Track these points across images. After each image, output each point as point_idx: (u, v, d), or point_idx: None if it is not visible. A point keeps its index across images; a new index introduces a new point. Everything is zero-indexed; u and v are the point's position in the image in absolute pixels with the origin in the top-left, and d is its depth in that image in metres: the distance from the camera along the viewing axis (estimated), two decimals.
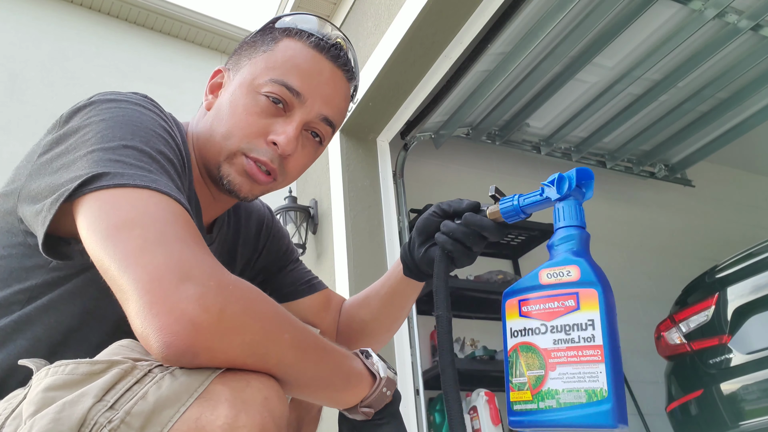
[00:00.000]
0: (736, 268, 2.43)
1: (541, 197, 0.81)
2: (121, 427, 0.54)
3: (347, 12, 3.05)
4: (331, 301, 1.13)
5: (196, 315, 0.57)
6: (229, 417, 0.55)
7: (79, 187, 0.64)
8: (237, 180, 0.87)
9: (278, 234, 1.14)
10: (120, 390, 0.56)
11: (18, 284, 0.75)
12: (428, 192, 3.28)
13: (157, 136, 0.74)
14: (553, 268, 0.74)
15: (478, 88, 2.90)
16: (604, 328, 0.69)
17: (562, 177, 0.78)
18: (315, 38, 0.89)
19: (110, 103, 0.76)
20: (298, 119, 0.87)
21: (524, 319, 0.76)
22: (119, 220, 0.62)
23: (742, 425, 2.19)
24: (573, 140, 3.63)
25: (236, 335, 0.59)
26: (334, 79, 0.90)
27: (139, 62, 5.16)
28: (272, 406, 0.58)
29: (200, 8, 5.46)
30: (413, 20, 2.28)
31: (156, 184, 0.66)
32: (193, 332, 0.56)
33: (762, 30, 2.77)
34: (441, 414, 2.70)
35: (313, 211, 3.07)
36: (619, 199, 3.98)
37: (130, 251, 0.60)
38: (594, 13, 2.52)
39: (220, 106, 0.90)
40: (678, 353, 2.59)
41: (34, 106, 4.49)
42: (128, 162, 0.67)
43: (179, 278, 0.58)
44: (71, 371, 0.58)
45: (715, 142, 3.70)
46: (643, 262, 3.77)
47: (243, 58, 0.92)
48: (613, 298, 0.72)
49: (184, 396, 0.56)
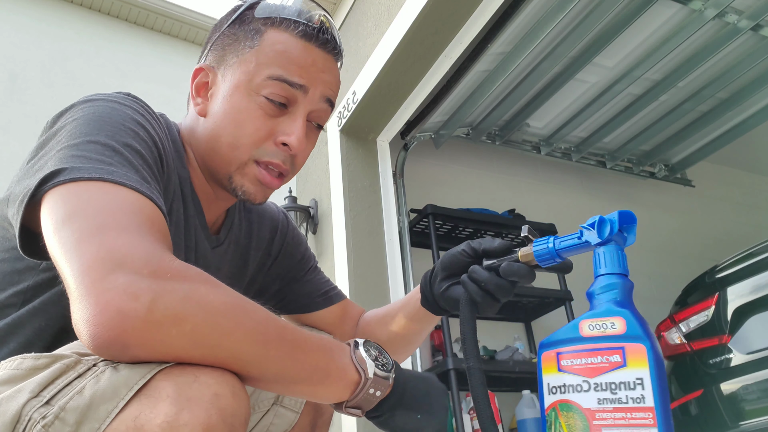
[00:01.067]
0: (736, 268, 2.43)
1: (580, 240, 0.75)
2: (55, 423, 0.52)
3: (347, 12, 3.05)
4: (347, 313, 1.11)
5: (123, 304, 0.53)
6: (169, 415, 0.51)
7: (39, 185, 0.64)
8: (251, 189, 0.86)
9: (294, 240, 1.11)
10: (59, 385, 0.55)
11: (12, 287, 0.76)
12: (428, 192, 3.28)
13: (126, 129, 0.73)
14: (595, 319, 0.68)
15: (478, 88, 2.90)
16: (655, 387, 0.63)
17: (603, 220, 0.73)
18: (302, 27, 0.86)
19: (87, 103, 0.76)
20: (302, 113, 0.86)
21: (563, 374, 0.69)
22: (65, 214, 0.61)
23: (742, 425, 2.19)
24: (573, 140, 3.63)
25: (173, 325, 0.54)
26: (328, 66, 0.88)
27: (139, 62, 5.16)
28: (223, 403, 0.54)
29: (200, 8, 5.46)
30: (413, 20, 2.28)
31: (112, 175, 0.64)
32: (119, 322, 0.53)
33: (762, 30, 2.77)
34: None
35: (313, 211, 3.07)
36: (619, 199, 3.98)
37: (70, 243, 0.58)
38: (594, 13, 2.52)
39: (217, 113, 0.86)
40: (678, 353, 2.59)
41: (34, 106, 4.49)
42: (88, 156, 0.66)
43: (111, 267, 0.55)
44: (17, 366, 0.57)
45: (715, 142, 3.70)
46: (643, 262, 3.77)
47: (228, 55, 0.88)
48: (661, 355, 0.66)
49: (122, 390, 0.53)
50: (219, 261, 0.96)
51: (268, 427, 0.90)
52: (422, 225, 3.01)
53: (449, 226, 3.12)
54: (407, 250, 2.83)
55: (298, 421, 0.91)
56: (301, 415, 0.91)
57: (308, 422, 0.93)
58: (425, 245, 3.02)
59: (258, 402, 0.90)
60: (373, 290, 2.58)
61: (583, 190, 3.89)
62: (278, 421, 0.90)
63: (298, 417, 0.91)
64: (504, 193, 3.60)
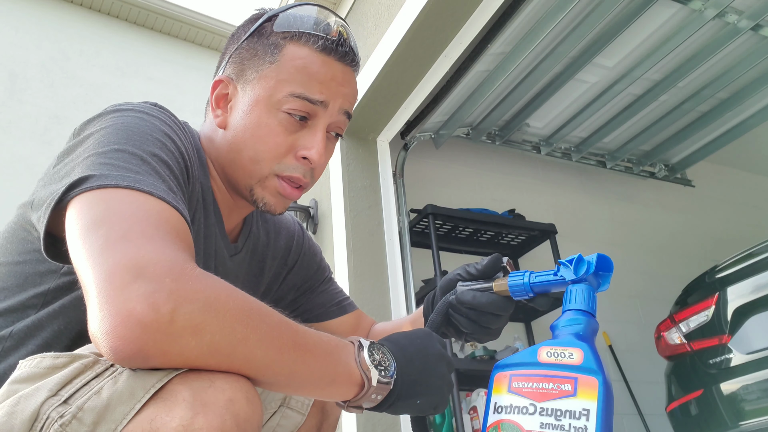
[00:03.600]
0: (736, 268, 2.43)
1: (555, 276, 0.76)
2: (72, 422, 0.52)
3: (347, 12, 3.05)
4: (360, 323, 1.13)
5: (144, 315, 0.52)
6: (185, 419, 0.52)
7: (66, 191, 0.65)
8: (272, 201, 0.88)
9: (310, 251, 1.13)
10: (77, 384, 0.55)
11: (33, 289, 0.78)
12: (428, 192, 3.28)
13: (154, 140, 0.74)
14: (554, 347, 0.69)
15: (478, 88, 2.90)
16: (599, 421, 0.63)
17: (582, 259, 0.74)
18: (321, 41, 0.86)
19: (115, 113, 0.77)
20: (322, 126, 0.87)
21: (512, 395, 0.69)
22: (90, 220, 0.61)
23: (742, 425, 2.19)
24: (573, 140, 3.63)
25: (192, 336, 0.54)
26: (347, 79, 0.89)
27: (139, 62, 5.16)
28: (237, 408, 0.54)
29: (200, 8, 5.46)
30: (413, 20, 2.28)
31: (139, 183, 0.65)
32: (141, 335, 0.52)
33: (762, 30, 2.77)
34: (441, 414, 2.70)
35: (313, 211, 3.07)
36: (619, 199, 3.98)
37: (93, 250, 0.58)
38: (594, 13, 2.52)
39: (238, 126, 0.87)
40: (678, 353, 2.59)
41: (34, 106, 4.49)
42: (115, 164, 0.67)
43: (133, 276, 0.55)
44: (36, 365, 0.58)
45: (715, 142, 3.70)
46: (643, 262, 3.77)
47: (248, 69, 0.88)
48: (612, 392, 0.66)
49: (139, 392, 0.53)
50: (237, 269, 0.98)
51: (275, 428, 0.91)
52: (422, 225, 3.01)
53: (449, 226, 3.12)
54: (407, 250, 2.83)
55: (305, 423, 0.92)
56: (307, 417, 0.92)
57: (314, 424, 0.94)
58: (425, 245, 3.02)
59: (265, 403, 0.91)
60: (373, 290, 2.58)
61: (583, 190, 3.89)
62: (285, 423, 0.91)
63: (305, 419, 0.92)
64: (504, 193, 3.60)
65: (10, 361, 0.76)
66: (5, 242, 0.81)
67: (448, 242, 3.23)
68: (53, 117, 4.51)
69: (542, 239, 3.23)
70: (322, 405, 0.94)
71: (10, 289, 0.79)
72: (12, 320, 0.78)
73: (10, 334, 0.77)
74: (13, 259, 0.80)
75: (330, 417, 0.96)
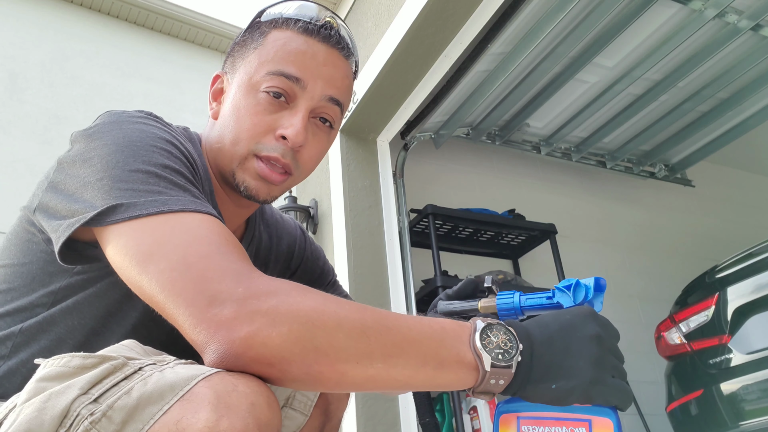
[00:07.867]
0: (736, 268, 2.43)
1: (550, 301, 0.73)
2: (102, 420, 0.54)
3: (347, 12, 3.05)
4: None
5: (242, 338, 0.58)
6: (210, 421, 0.53)
7: (96, 217, 0.67)
8: (253, 185, 0.86)
9: (312, 255, 1.12)
10: (107, 384, 0.56)
11: (42, 288, 0.79)
12: (428, 192, 3.28)
13: (159, 150, 0.75)
14: None
15: (478, 88, 2.90)
16: None
17: (579, 284, 0.72)
18: (302, 23, 0.86)
19: (113, 125, 0.77)
20: (303, 107, 0.85)
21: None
22: (141, 257, 0.65)
23: (742, 425, 2.19)
24: (573, 140, 3.63)
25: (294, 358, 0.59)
26: (330, 59, 0.87)
27: (139, 62, 5.15)
28: (259, 412, 0.56)
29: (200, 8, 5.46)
30: (413, 20, 2.28)
31: (167, 205, 0.68)
32: (246, 350, 0.58)
33: (762, 30, 2.77)
34: (441, 414, 2.70)
35: (313, 211, 3.07)
36: (619, 199, 3.98)
37: (158, 287, 0.62)
38: (594, 13, 2.52)
39: (225, 113, 0.89)
40: (678, 353, 2.59)
41: (34, 106, 4.49)
42: (137, 189, 0.69)
43: (208, 302, 0.60)
44: (65, 364, 0.59)
45: (715, 142, 3.70)
46: (643, 262, 3.77)
47: (237, 60, 0.90)
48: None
49: (168, 395, 0.55)
50: None
51: None
52: (422, 225, 3.01)
53: (449, 226, 3.12)
54: (407, 250, 2.83)
55: (307, 424, 0.92)
56: (309, 419, 0.92)
57: (317, 426, 0.94)
58: (425, 245, 3.02)
59: None
60: (373, 290, 2.58)
61: (583, 190, 3.89)
62: (287, 423, 0.91)
63: (307, 420, 0.92)
64: (504, 193, 3.60)
65: (21, 357, 0.78)
66: (10, 245, 0.83)
67: (448, 242, 3.23)
68: (53, 117, 4.51)
69: (542, 239, 3.23)
70: (326, 407, 0.94)
71: (17, 290, 0.80)
72: (21, 318, 0.79)
73: (20, 330, 0.79)
74: (19, 260, 0.81)
75: (333, 419, 0.96)
